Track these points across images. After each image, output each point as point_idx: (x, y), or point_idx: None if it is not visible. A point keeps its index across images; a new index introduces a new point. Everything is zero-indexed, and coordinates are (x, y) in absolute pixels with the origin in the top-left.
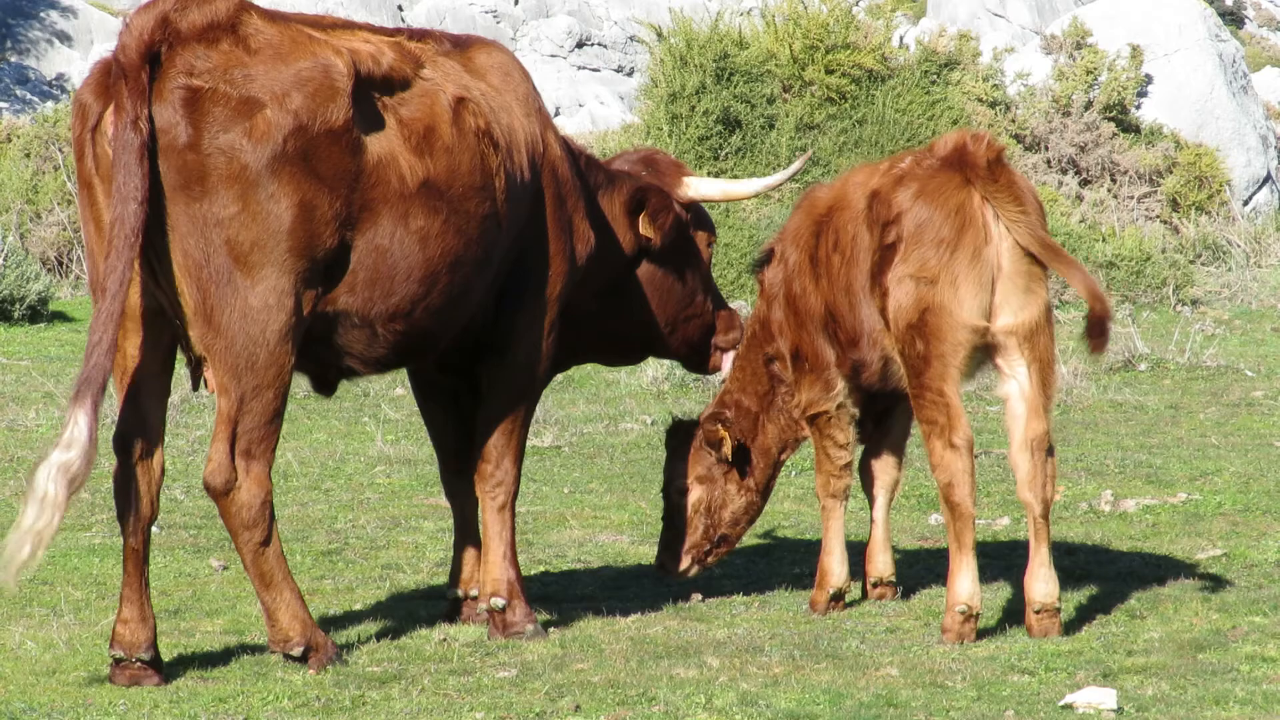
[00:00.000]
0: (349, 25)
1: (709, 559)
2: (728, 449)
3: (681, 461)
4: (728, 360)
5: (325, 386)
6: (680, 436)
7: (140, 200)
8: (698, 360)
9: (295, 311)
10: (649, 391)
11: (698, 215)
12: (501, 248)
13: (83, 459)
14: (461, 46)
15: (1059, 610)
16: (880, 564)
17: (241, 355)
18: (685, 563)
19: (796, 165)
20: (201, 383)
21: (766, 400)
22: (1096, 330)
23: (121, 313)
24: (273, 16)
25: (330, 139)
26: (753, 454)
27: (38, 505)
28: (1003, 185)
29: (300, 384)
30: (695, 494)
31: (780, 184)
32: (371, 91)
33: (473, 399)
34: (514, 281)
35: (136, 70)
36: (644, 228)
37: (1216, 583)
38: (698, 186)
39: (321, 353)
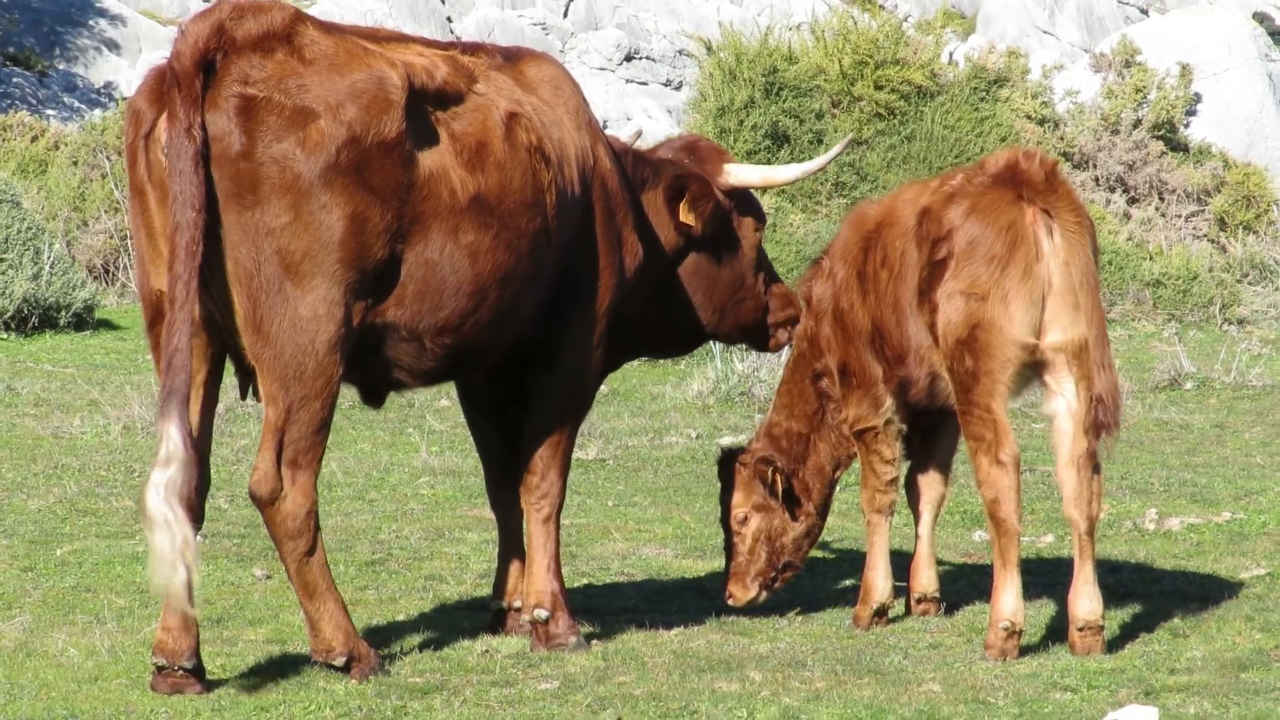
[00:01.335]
0: (403, 38)
1: (776, 584)
2: (778, 489)
3: (736, 491)
4: (786, 334)
5: (374, 398)
6: (731, 466)
7: (199, 207)
8: (756, 340)
9: (344, 322)
10: (694, 405)
11: (745, 200)
12: (551, 262)
13: (183, 471)
14: (513, 60)
15: (1102, 628)
16: (924, 580)
17: (290, 365)
18: (753, 591)
19: (837, 149)
20: (250, 392)
21: (816, 419)
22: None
23: (192, 320)
24: (328, 28)
25: (383, 151)
26: (807, 476)
27: (165, 529)
28: (1062, 195)
29: (346, 394)
30: (754, 523)
31: (820, 168)
32: (425, 105)
33: (520, 411)
34: (563, 295)
35: (190, 78)
36: (684, 215)
37: (1260, 602)
38: (738, 173)
39: (370, 364)
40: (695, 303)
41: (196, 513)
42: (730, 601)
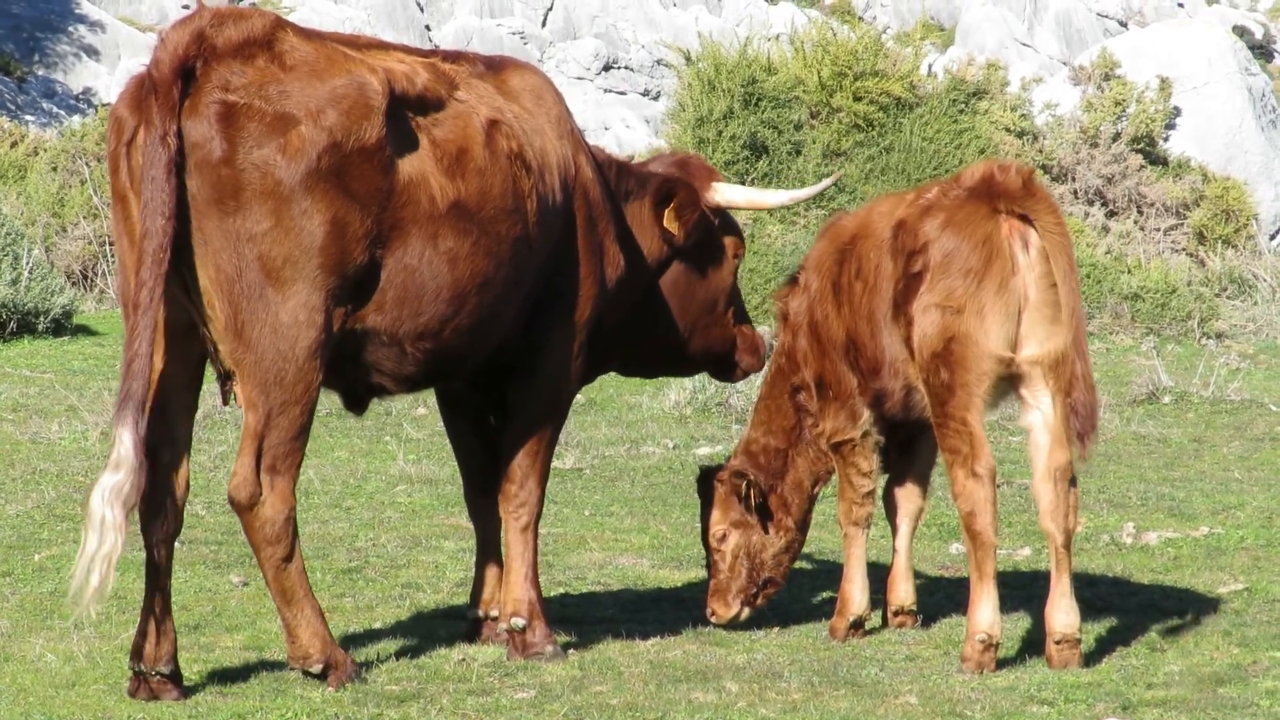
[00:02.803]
0: (383, 45)
1: (758, 600)
2: (753, 503)
3: (715, 509)
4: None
5: (356, 404)
6: (710, 484)
7: (169, 215)
8: (720, 368)
9: (325, 328)
10: (671, 415)
11: (727, 224)
12: (532, 270)
13: (131, 477)
14: (495, 68)
15: (1079, 641)
16: (901, 592)
17: (270, 370)
18: (735, 608)
19: (825, 183)
20: (230, 398)
21: (794, 435)
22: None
23: (155, 326)
24: (308, 35)
25: (363, 157)
26: (786, 491)
27: (98, 531)
28: (1040, 199)
29: (323, 401)
30: (734, 540)
31: (807, 198)
32: (405, 111)
33: (499, 418)
34: (544, 303)
35: (168, 85)
36: (668, 221)
37: (1238, 617)
38: (726, 193)
39: (351, 370)
40: (672, 320)
41: (175, 519)
42: (713, 620)
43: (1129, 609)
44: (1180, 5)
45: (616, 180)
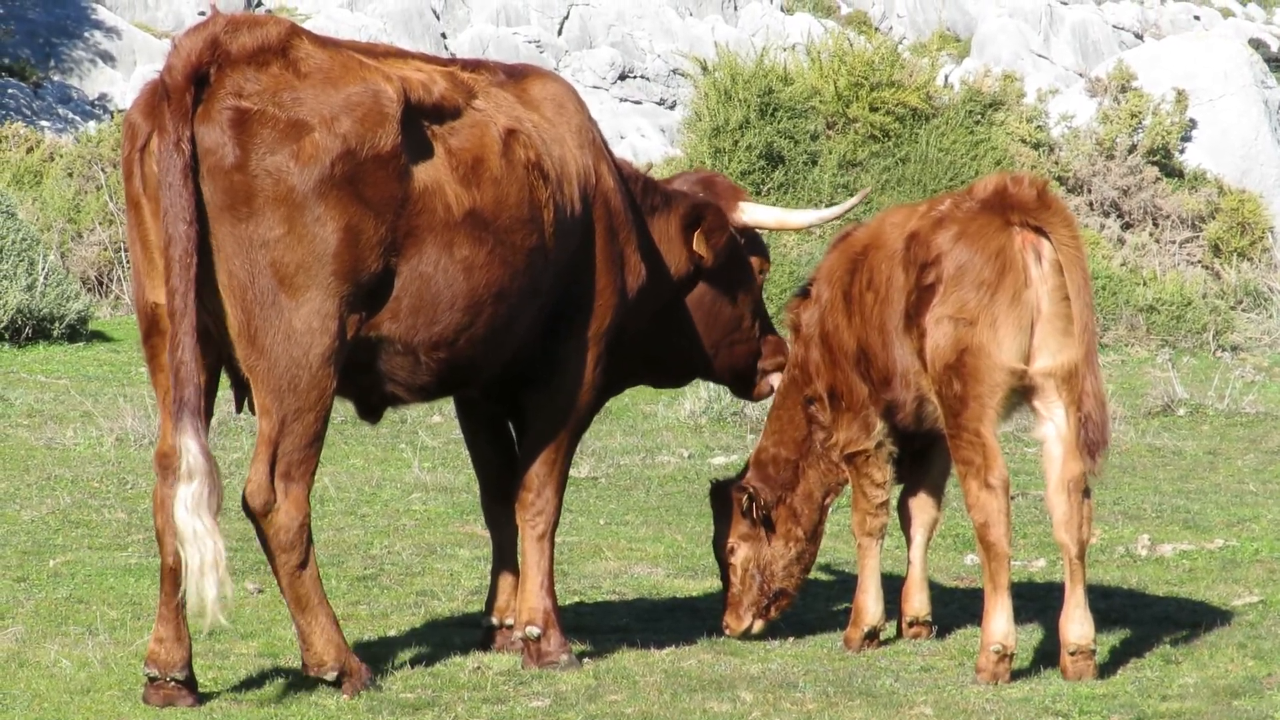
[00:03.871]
0: (401, 53)
1: (771, 612)
2: (755, 516)
3: (727, 522)
4: (774, 380)
5: (370, 413)
6: (722, 497)
7: (190, 220)
8: (742, 386)
9: (338, 335)
10: (686, 425)
11: (752, 241)
12: (549, 279)
13: (207, 482)
14: (516, 77)
15: (1094, 653)
16: (916, 603)
17: (284, 377)
18: (747, 621)
19: (853, 201)
20: (245, 405)
21: (804, 446)
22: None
23: (194, 331)
24: (323, 42)
25: (378, 164)
26: (796, 502)
27: (194, 543)
28: (1055, 211)
29: (338, 409)
30: (743, 553)
31: (835, 218)
32: (421, 119)
33: (518, 427)
34: (562, 313)
35: (181, 91)
36: (697, 244)
37: (1253, 629)
38: (753, 212)
39: (365, 379)
40: (695, 334)
41: None
42: (727, 632)
43: (1143, 621)
44: (1196, 18)
45: (642, 194)
